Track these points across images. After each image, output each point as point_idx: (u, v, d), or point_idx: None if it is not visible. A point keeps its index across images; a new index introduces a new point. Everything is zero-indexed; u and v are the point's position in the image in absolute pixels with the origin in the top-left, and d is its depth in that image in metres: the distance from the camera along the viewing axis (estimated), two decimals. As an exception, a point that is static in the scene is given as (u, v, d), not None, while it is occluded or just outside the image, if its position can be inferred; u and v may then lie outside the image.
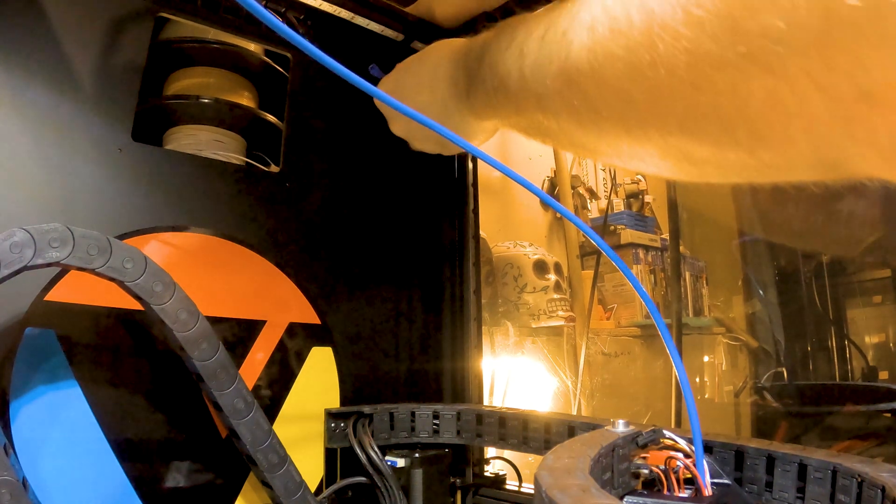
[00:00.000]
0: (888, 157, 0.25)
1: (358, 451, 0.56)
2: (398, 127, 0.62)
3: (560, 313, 1.46)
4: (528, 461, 0.70)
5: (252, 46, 0.63)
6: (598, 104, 0.34)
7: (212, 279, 0.54)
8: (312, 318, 0.60)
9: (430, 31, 0.70)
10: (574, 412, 1.43)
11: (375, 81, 0.64)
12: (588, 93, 0.33)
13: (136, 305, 0.43)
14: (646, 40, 0.28)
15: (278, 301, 0.58)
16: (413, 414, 0.59)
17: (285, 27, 0.31)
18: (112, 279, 0.41)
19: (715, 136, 0.30)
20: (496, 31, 0.45)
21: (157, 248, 0.52)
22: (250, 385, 0.55)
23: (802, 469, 0.37)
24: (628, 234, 1.80)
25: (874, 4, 0.20)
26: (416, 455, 0.57)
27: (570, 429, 0.50)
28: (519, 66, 0.39)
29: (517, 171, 0.37)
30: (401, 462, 0.57)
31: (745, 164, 0.31)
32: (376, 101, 0.62)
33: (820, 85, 0.24)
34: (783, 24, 0.23)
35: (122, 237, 0.49)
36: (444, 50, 0.55)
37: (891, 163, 0.25)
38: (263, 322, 0.57)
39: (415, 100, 0.56)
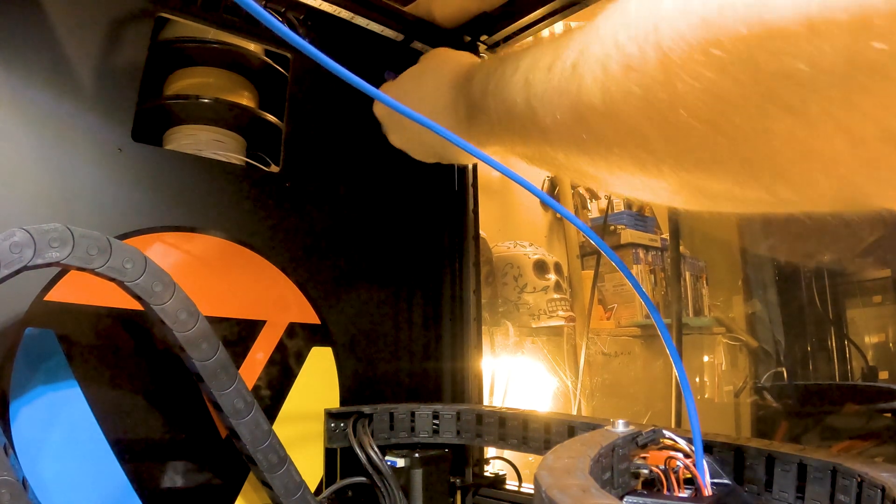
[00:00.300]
0: None
1: (358, 451, 0.56)
2: (396, 138, 0.61)
3: (560, 313, 1.46)
4: (528, 461, 0.70)
5: (252, 46, 0.63)
6: (610, 141, 0.33)
7: (211, 279, 0.54)
8: (312, 318, 0.60)
9: (429, 31, 0.70)
10: (574, 412, 1.43)
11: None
12: (600, 129, 0.33)
13: (136, 305, 0.43)
14: (663, 78, 0.27)
15: (278, 301, 0.58)
16: (413, 414, 0.59)
17: (285, 28, 0.31)
18: (112, 279, 0.41)
19: (733, 173, 0.29)
20: (499, 59, 0.44)
21: (157, 249, 0.52)
22: (250, 385, 0.55)
23: (802, 469, 0.37)
24: (628, 234, 1.80)
25: None
26: (416, 455, 0.57)
27: (570, 429, 0.50)
28: (525, 96, 0.38)
29: (517, 171, 0.37)
30: (401, 462, 0.57)
31: (760, 198, 0.30)
32: (375, 111, 0.62)
33: (842, 126, 0.23)
34: (807, 67, 0.22)
35: (122, 237, 0.49)
36: (444, 71, 0.54)
37: None
38: (263, 322, 0.57)
39: (411, 124, 0.55)
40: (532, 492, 0.49)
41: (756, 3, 0.22)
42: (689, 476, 0.36)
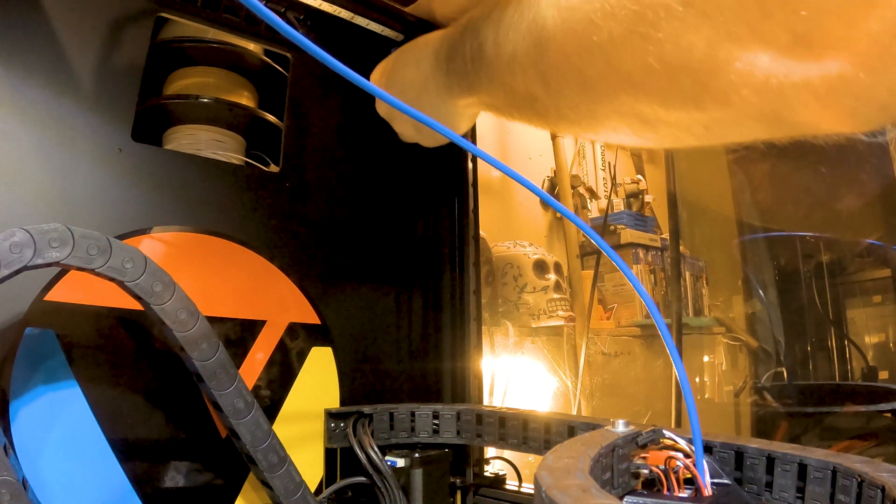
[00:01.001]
0: (825, 100, 0.26)
1: (358, 451, 0.56)
2: (383, 107, 0.62)
3: (560, 313, 1.46)
4: (528, 461, 0.70)
5: (252, 46, 0.63)
6: (559, 60, 0.35)
7: (212, 279, 0.54)
8: (312, 318, 0.60)
9: (430, 31, 0.69)
10: (574, 412, 1.43)
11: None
12: (551, 48, 0.35)
13: (136, 305, 0.43)
14: None
15: (278, 301, 0.58)
16: (413, 414, 0.59)
17: (285, 25, 0.31)
18: (112, 279, 0.40)
19: (663, 90, 0.31)
20: (482, 6, 0.46)
21: (156, 248, 0.52)
22: (250, 385, 0.55)
23: (802, 469, 0.37)
24: (628, 234, 1.80)
25: None
26: (416, 455, 0.57)
27: (570, 429, 0.50)
28: (496, 31, 0.41)
29: (517, 170, 0.37)
30: (401, 462, 0.57)
31: (694, 120, 0.32)
32: (378, 109, 0.62)
33: (756, 32, 0.25)
34: None
35: (122, 237, 0.49)
36: (436, 32, 0.56)
37: (828, 107, 0.26)
38: (263, 322, 0.57)
39: (401, 75, 0.56)
40: (532, 492, 0.49)
41: None
42: (689, 476, 0.36)
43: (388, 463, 0.56)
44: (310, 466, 0.58)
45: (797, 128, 0.29)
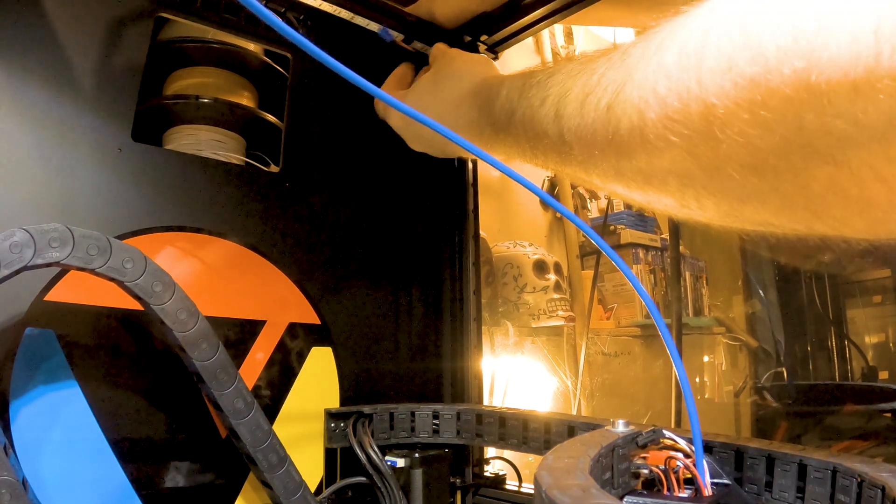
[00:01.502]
0: None
1: (358, 451, 0.56)
2: (395, 120, 0.62)
3: (560, 313, 1.46)
4: (528, 461, 0.70)
5: (252, 46, 0.63)
6: (648, 174, 0.33)
7: (211, 279, 0.54)
8: (312, 318, 0.60)
9: (430, 31, 0.69)
10: (574, 412, 1.43)
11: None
12: (639, 166, 0.33)
13: (136, 305, 0.43)
14: (705, 131, 0.27)
15: (278, 301, 0.58)
16: (413, 414, 0.59)
17: (285, 26, 0.31)
18: (112, 279, 0.41)
19: (773, 208, 0.30)
20: (522, 81, 0.44)
21: (157, 248, 0.52)
22: (250, 385, 0.55)
23: (802, 469, 0.37)
24: (628, 234, 1.80)
25: None
26: (416, 455, 0.57)
27: (570, 429, 0.50)
28: (557, 128, 0.38)
29: (517, 170, 0.37)
30: (401, 462, 0.57)
31: (794, 229, 0.31)
32: (391, 122, 0.62)
33: (881, 176, 0.24)
34: (850, 126, 0.23)
35: (122, 237, 0.49)
36: (464, 86, 0.53)
37: None
38: (263, 322, 0.57)
39: (440, 112, 0.54)
40: (532, 492, 0.49)
41: (804, 67, 0.23)
42: (689, 476, 0.36)
43: (388, 463, 0.56)
44: (310, 466, 0.58)
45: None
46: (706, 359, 1.91)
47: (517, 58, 1.28)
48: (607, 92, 0.33)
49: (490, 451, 0.71)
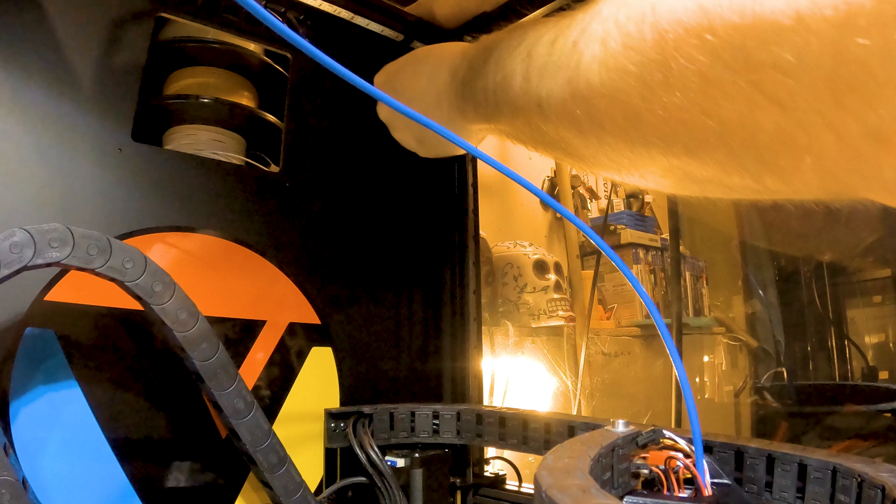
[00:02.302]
0: (891, 190, 0.25)
1: (358, 451, 0.56)
2: (384, 112, 0.62)
3: (560, 313, 1.46)
4: (528, 461, 0.70)
5: (252, 46, 0.63)
6: (603, 118, 0.33)
7: (212, 279, 0.54)
8: (312, 318, 0.60)
9: (430, 31, 0.70)
10: (574, 412, 1.43)
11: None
12: (595, 106, 0.33)
13: (136, 305, 0.43)
14: (659, 58, 0.28)
15: (278, 301, 0.58)
16: (413, 414, 0.59)
17: (285, 27, 0.31)
18: (112, 279, 0.41)
19: (721, 160, 0.30)
20: (507, 30, 0.44)
21: (157, 249, 0.52)
22: (250, 385, 0.55)
23: (802, 469, 0.37)
24: (628, 234, 1.80)
25: (883, 44, 0.21)
26: (416, 455, 0.57)
27: (570, 429, 0.50)
28: (525, 67, 0.39)
29: (517, 171, 0.37)
30: (401, 462, 0.57)
31: (747, 186, 0.31)
32: (379, 113, 0.62)
33: (829, 122, 0.24)
34: (794, 58, 0.23)
35: (122, 237, 0.49)
36: (455, 45, 0.55)
37: (891, 198, 0.26)
38: (263, 322, 0.57)
39: (413, 83, 0.55)
40: (532, 492, 0.49)
41: None
42: (689, 476, 0.36)
43: (388, 463, 0.56)
44: (310, 466, 0.58)
45: (853, 199, 0.29)
46: (706, 359, 1.91)
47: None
48: (576, 30, 0.34)
49: (490, 451, 0.71)
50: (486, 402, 0.74)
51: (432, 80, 0.53)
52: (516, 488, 0.65)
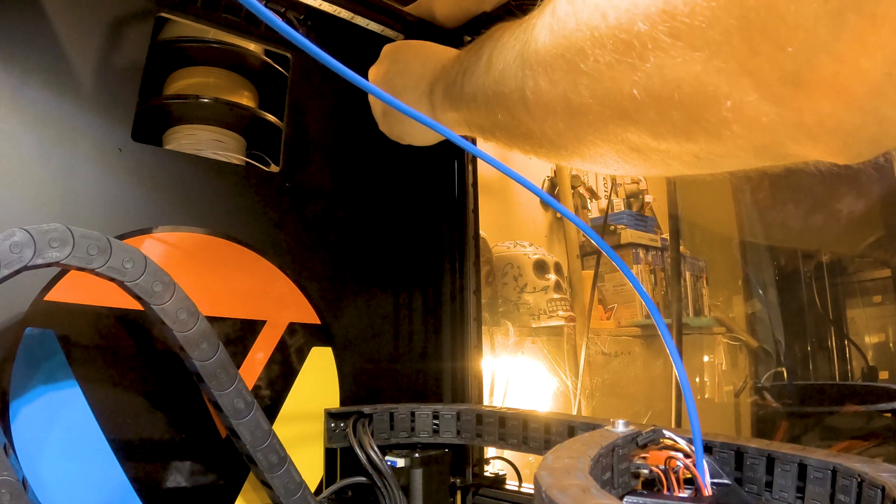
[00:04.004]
0: (816, 136, 0.26)
1: (358, 451, 0.56)
2: (378, 108, 0.61)
3: (560, 313, 1.46)
4: (528, 461, 0.70)
5: (252, 46, 0.63)
6: (546, 85, 0.35)
7: (212, 279, 0.54)
8: (312, 318, 0.60)
9: (430, 31, 0.70)
10: (574, 412, 1.43)
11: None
12: (539, 72, 0.35)
13: (136, 305, 0.43)
14: (591, 21, 0.30)
15: (278, 301, 0.58)
16: (413, 414, 0.59)
17: (285, 25, 0.31)
18: (112, 279, 0.41)
19: (651, 121, 0.31)
20: (471, 46, 0.46)
21: (157, 248, 0.52)
22: (250, 385, 0.55)
23: (802, 469, 0.37)
24: (628, 234, 1.80)
25: None
26: (416, 455, 0.57)
27: (570, 429, 0.50)
28: (490, 48, 0.41)
29: (517, 170, 0.37)
30: (401, 462, 0.57)
31: (684, 150, 0.32)
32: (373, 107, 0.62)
33: (745, 68, 0.25)
34: (706, 9, 0.24)
35: (122, 237, 0.49)
36: (441, 55, 0.54)
37: (819, 142, 0.26)
38: (263, 322, 0.57)
39: (404, 81, 0.54)
40: (532, 492, 0.49)
41: None
42: (689, 476, 0.36)
43: (388, 463, 0.56)
44: (310, 466, 0.58)
45: (789, 158, 0.29)
46: (706, 359, 1.91)
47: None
48: (526, 24, 0.36)
49: (490, 451, 0.71)
50: (486, 402, 0.74)
51: (417, 89, 0.52)
52: (516, 488, 0.65)
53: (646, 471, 0.37)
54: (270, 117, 0.62)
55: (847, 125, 0.24)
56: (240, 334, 0.55)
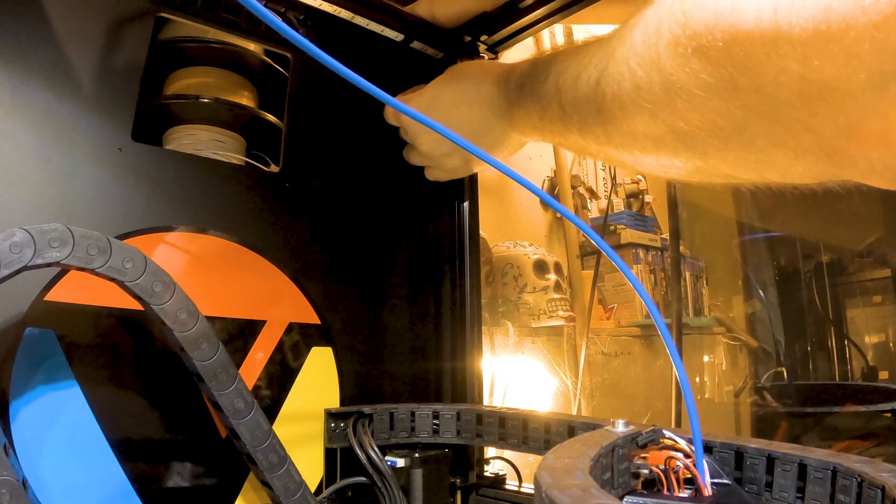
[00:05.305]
0: (867, 176, 0.31)
1: (358, 451, 0.56)
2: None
3: (560, 313, 1.46)
4: (528, 461, 0.70)
5: (252, 46, 0.63)
6: (629, 139, 0.41)
7: (212, 279, 0.54)
8: (312, 318, 0.60)
9: (430, 31, 0.70)
10: (574, 412, 1.43)
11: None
12: (621, 129, 0.41)
13: (136, 305, 0.43)
14: (666, 97, 0.35)
15: (278, 301, 0.58)
16: (413, 414, 0.59)
17: (285, 25, 0.31)
18: (112, 279, 0.41)
19: (730, 162, 0.37)
20: (531, 64, 0.52)
21: (157, 249, 0.52)
22: (250, 385, 0.55)
23: (802, 469, 0.37)
24: (628, 234, 1.80)
25: (837, 69, 0.27)
26: (416, 455, 0.57)
27: (570, 429, 0.50)
28: (559, 100, 0.46)
29: (517, 170, 0.37)
30: (401, 462, 0.57)
31: (753, 180, 0.38)
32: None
33: (807, 126, 0.30)
34: (771, 86, 0.30)
35: (122, 237, 0.49)
36: (485, 71, 0.60)
37: (870, 179, 0.32)
38: (263, 322, 0.57)
39: (454, 115, 0.60)
40: (532, 492, 0.49)
41: (726, 34, 0.30)
42: (689, 476, 0.36)
43: (388, 463, 0.56)
44: (310, 466, 0.58)
45: (837, 179, 0.35)
46: (706, 359, 1.91)
47: (517, 58, 1.28)
48: (596, 69, 0.42)
49: (490, 451, 0.71)
50: (486, 402, 0.74)
51: (473, 108, 0.59)
52: (516, 488, 0.65)
53: (646, 471, 0.37)
54: (270, 117, 0.62)
55: (893, 167, 0.30)
56: (240, 334, 0.55)
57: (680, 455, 0.37)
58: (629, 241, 1.79)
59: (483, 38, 0.72)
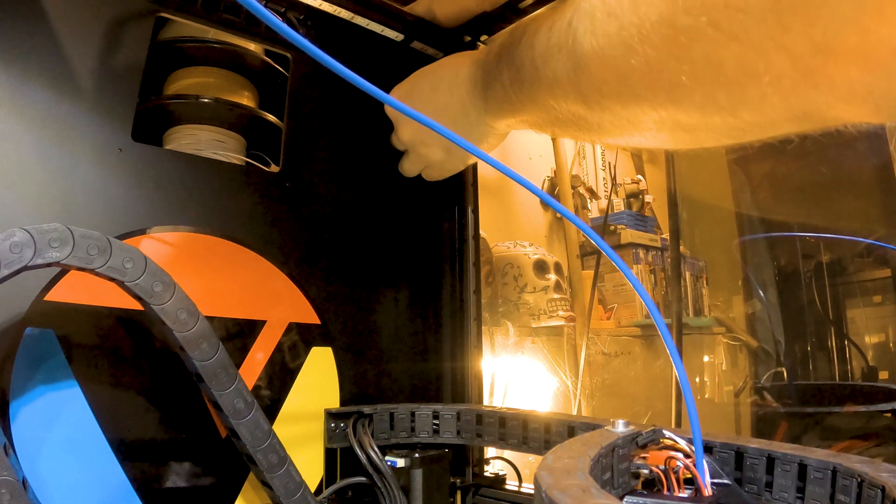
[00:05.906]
0: (848, 100, 0.29)
1: (358, 451, 0.56)
2: (406, 132, 0.64)
3: (560, 313, 1.46)
4: (528, 461, 0.70)
5: (252, 46, 0.63)
6: (599, 82, 0.38)
7: (212, 279, 0.54)
8: (312, 318, 0.60)
9: (430, 31, 0.70)
10: (574, 412, 1.43)
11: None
12: (591, 72, 0.39)
13: (136, 305, 0.43)
14: (635, 20, 0.33)
15: (278, 301, 0.58)
16: (413, 414, 0.59)
17: (285, 26, 0.31)
18: (112, 279, 0.40)
19: (699, 103, 0.34)
20: (509, 31, 0.50)
21: (157, 248, 0.52)
22: (250, 385, 0.55)
23: (802, 469, 0.37)
24: (628, 234, 1.80)
25: None
26: (416, 455, 0.57)
27: (570, 429, 0.50)
28: (531, 56, 0.44)
29: (517, 170, 0.37)
30: (401, 462, 0.57)
31: (730, 125, 0.35)
32: (387, 109, 0.63)
33: (780, 45, 0.28)
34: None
35: (122, 237, 0.49)
36: (465, 55, 0.58)
37: (852, 105, 0.29)
38: (263, 322, 0.57)
39: (433, 100, 0.58)
40: (532, 492, 0.49)
41: None
42: (689, 476, 0.36)
43: (388, 463, 0.56)
44: (310, 466, 0.58)
45: (827, 122, 0.32)
46: (706, 359, 1.91)
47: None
48: (569, 13, 0.40)
49: (490, 451, 0.71)
50: (486, 402, 0.74)
51: (452, 91, 0.57)
52: (516, 488, 0.65)
53: (646, 471, 0.37)
54: (270, 117, 0.62)
55: (876, 89, 0.27)
56: (240, 334, 0.55)
57: (680, 455, 0.37)
58: (629, 241, 1.79)
59: (483, 37, 0.72)
